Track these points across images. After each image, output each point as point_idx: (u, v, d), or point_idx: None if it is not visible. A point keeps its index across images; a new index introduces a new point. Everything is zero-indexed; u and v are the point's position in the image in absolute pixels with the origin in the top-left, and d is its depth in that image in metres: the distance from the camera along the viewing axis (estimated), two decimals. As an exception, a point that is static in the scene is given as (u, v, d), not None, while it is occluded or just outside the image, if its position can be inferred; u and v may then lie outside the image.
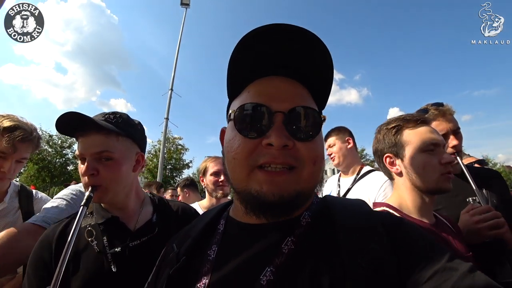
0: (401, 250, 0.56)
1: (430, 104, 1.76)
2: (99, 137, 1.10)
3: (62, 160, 27.00)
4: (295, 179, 0.59)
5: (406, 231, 0.61)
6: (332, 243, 0.57)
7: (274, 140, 0.57)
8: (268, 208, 0.60)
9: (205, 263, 0.64)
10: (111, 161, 1.11)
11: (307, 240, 0.60)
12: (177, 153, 27.05)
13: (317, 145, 0.63)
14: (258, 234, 0.64)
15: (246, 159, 0.60)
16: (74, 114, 1.05)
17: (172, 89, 14.39)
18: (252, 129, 0.61)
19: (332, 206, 0.66)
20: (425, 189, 1.22)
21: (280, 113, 0.60)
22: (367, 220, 0.62)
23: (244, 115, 0.62)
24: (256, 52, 0.63)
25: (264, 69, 0.65)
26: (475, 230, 1.26)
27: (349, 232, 0.58)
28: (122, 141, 1.16)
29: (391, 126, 1.31)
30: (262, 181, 0.59)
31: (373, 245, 0.55)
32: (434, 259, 0.54)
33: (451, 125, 1.67)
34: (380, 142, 1.36)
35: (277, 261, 0.57)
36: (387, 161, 1.33)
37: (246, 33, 0.60)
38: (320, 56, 0.63)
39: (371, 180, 2.42)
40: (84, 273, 1.05)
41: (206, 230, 0.73)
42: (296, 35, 0.60)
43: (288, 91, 0.63)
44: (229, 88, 0.72)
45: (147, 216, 1.27)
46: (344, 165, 2.64)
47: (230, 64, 0.66)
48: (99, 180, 1.09)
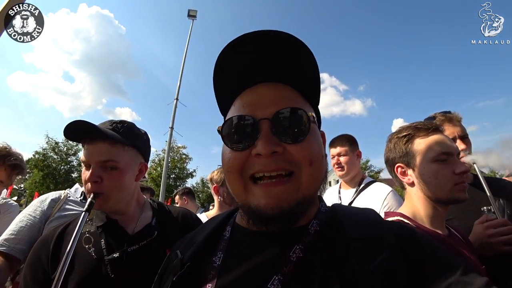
0: (414, 261, 0.54)
1: (438, 112, 1.77)
2: (105, 146, 1.11)
3: (67, 167, 27.21)
4: (294, 186, 0.58)
5: (419, 242, 0.59)
6: (341, 251, 0.56)
7: (260, 148, 0.56)
8: (269, 222, 0.58)
9: (210, 270, 0.62)
10: (116, 171, 1.12)
11: (315, 249, 0.59)
12: (181, 162, 27.12)
13: (310, 145, 0.60)
14: (265, 241, 0.62)
15: (238, 172, 0.60)
16: (82, 122, 1.07)
17: (177, 98, 14.56)
18: (240, 141, 0.60)
19: (341, 215, 0.65)
20: (437, 199, 1.18)
21: (265, 120, 0.58)
22: (378, 228, 0.60)
23: (230, 129, 0.62)
24: (235, 67, 0.63)
25: (248, 79, 0.64)
26: (489, 244, 1.20)
27: (360, 240, 0.56)
28: (128, 151, 1.18)
29: (402, 135, 1.27)
30: (259, 195, 0.58)
31: (385, 253, 0.53)
32: (448, 272, 0.52)
33: (458, 129, 1.66)
34: (391, 151, 1.32)
35: (285, 269, 0.56)
36: (398, 171, 1.29)
37: (222, 48, 0.60)
38: (302, 57, 0.62)
39: (373, 192, 2.39)
40: (81, 279, 1.04)
41: (212, 237, 0.71)
42: (275, 40, 0.59)
43: (272, 96, 0.62)
44: (218, 105, 0.72)
45: (147, 220, 1.27)
46: (350, 177, 2.60)
47: (214, 82, 0.67)
48: (101, 187, 1.10)
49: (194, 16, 16.69)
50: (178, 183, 26.56)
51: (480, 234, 1.24)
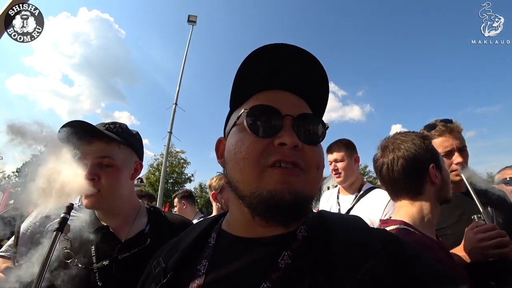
0: (400, 268, 0.54)
1: (439, 120, 1.76)
2: (101, 144, 1.13)
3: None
4: (304, 180, 0.60)
5: (404, 249, 0.60)
6: (329, 258, 0.56)
7: (287, 139, 0.59)
8: (282, 209, 0.57)
9: (194, 278, 0.61)
10: (112, 168, 1.14)
11: (304, 255, 0.59)
12: (179, 167, 27.00)
13: (320, 151, 0.66)
14: (252, 248, 0.62)
15: (257, 158, 0.60)
16: (78, 122, 1.08)
17: (176, 103, 14.58)
18: (264, 129, 0.63)
19: (329, 221, 0.65)
20: (445, 199, 1.24)
21: (290, 117, 0.63)
22: (365, 236, 0.61)
23: (256, 115, 0.64)
24: (265, 66, 0.68)
25: (272, 82, 0.69)
26: (479, 248, 1.22)
27: (347, 248, 0.57)
28: (123, 149, 1.20)
29: (426, 139, 1.27)
30: (276, 179, 0.58)
31: (372, 262, 0.53)
32: (434, 279, 0.53)
33: (457, 142, 1.66)
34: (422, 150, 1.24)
35: (274, 276, 0.56)
36: (431, 171, 1.22)
37: (257, 48, 0.66)
38: (318, 77, 0.70)
39: (373, 198, 2.34)
40: (72, 280, 1.02)
41: (196, 243, 0.70)
42: (301, 56, 0.66)
43: (294, 100, 0.69)
44: (234, 96, 0.74)
45: (140, 226, 1.24)
46: (348, 183, 2.54)
47: (240, 73, 0.70)
48: (98, 185, 1.10)
49: (194, 21, 16.83)
50: (176, 187, 26.37)
51: (471, 239, 1.26)
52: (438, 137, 1.69)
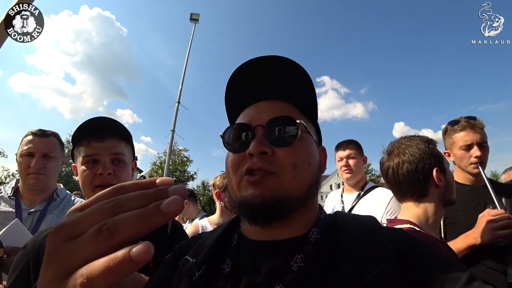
0: (412, 270, 0.54)
1: (463, 116, 1.88)
2: (114, 141, 1.19)
3: (68, 169, 27.24)
4: (277, 183, 0.62)
5: (419, 250, 0.59)
6: (340, 260, 0.57)
7: (251, 149, 0.63)
8: (255, 213, 0.62)
9: (220, 276, 0.65)
10: (123, 164, 1.20)
11: (316, 257, 0.60)
12: (182, 165, 27.11)
13: (297, 150, 0.66)
14: (268, 251, 0.64)
15: (235, 170, 0.67)
16: (100, 117, 1.16)
17: (179, 101, 14.61)
18: (238, 145, 0.69)
19: (341, 223, 0.66)
20: (449, 201, 1.30)
21: (259, 127, 0.67)
22: (376, 237, 0.60)
23: (230, 135, 0.72)
24: (243, 85, 0.74)
25: (252, 96, 0.74)
26: (489, 228, 1.38)
27: (357, 250, 0.57)
28: (128, 147, 1.26)
29: (432, 142, 1.36)
30: (247, 185, 0.63)
31: (381, 266, 0.53)
32: (451, 282, 0.52)
33: (478, 137, 1.78)
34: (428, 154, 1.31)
35: (287, 279, 0.58)
36: (435, 173, 1.28)
37: (233, 71, 0.72)
38: (298, 79, 0.72)
39: (375, 197, 2.42)
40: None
41: (222, 242, 0.74)
42: (277, 64, 0.70)
43: (268, 108, 0.71)
44: (228, 117, 0.83)
45: None
46: (355, 181, 2.65)
47: (225, 98, 0.78)
48: (114, 179, 1.14)
49: (196, 20, 16.81)
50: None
51: (483, 221, 1.43)
52: (460, 132, 1.83)
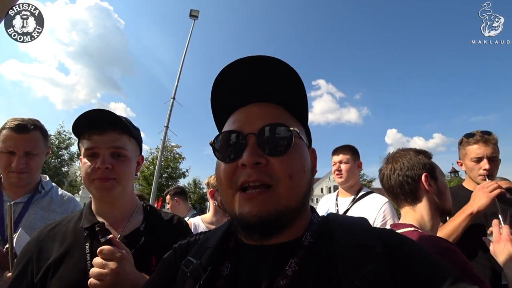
0: (401, 270, 0.55)
1: (479, 131, 2.02)
2: (114, 135, 1.16)
3: (57, 161, 26.69)
4: (274, 197, 0.60)
5: (407, 251, 0.60)
6: (332, 263, 0.58)
7: (245, 159, 0.60)
8: (251, 230, 0.61)
9: (219, 278, 0.66)
10: (124, 158, 1.18)
11: (309, 261, 0.61)
12: (174, 161, 26.84)
13: (292, 159, 0.64)
14: (263, 256, 0.65)
15: (228, 182, 0.64)
16: (100, 110, 1.12)
17: (174, 97, 14.49)
18: (229, 154, 0.66)
19: (333, 225, 0.67)
20: (443, 210, 1.40)
21: (251, 135, 0.63)
22: (366, 239, 0.61)
23: (220, 143, 0.68)
24: (232, 85, 0.69)
25: (241, 99, 0.71)
26: (484, 192, 1.64)
27: (347, 252, 0.58)
28: (132, 141, 1.23)
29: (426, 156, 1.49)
30: (242, 203, 0.61)
31: (370, 266, 0.54)
32: (438, 282, 0.53)
33: (489, 151, 1.92)
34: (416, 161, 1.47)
35: (282, 283, 0.58)
36: (423, 179, 1.41)
37: (220, 70, 0.67)
38: (290, 80, 0.68)
39: (369, 202, 2.50)
40: (63, 281, 1.02)
41: (221, 245, 0.74)
42: (266, 64, 0.65)
43: (260, 113, 0.68)
44: (215, 121, 0.79)
45: (136, 224, 1.24)
46: (348, 185, 2.70)
47: (211, 99, 0.74)
48: (113, 173, 1.13)
49: (196, 16, 16.66)
50: (170, 182, 26.23)
51: (476, 190, 1.70)
52: (473, 145, 1.97)
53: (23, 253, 1.13)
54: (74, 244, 1.10)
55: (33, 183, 1.76)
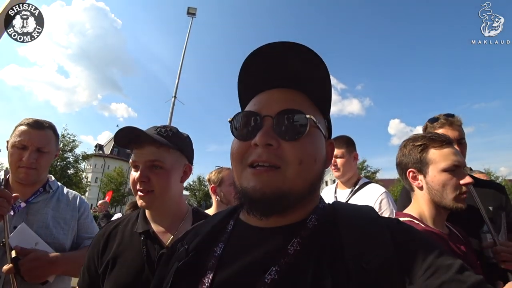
0: (407, 258, 0.56)
1: (442, 114, 1.96)
2: (151, 149, 1.19)
3: (63, 163, 26.95)
4: (280, 178, 0.61)
5: (413, 239, 0.61)
6: (337, 247, 0.58)
7: (257, 139, 0.62)
8: (252, 205, 0.63)
9: (211, 258, 0.67)
10: (161, 170, 1.20)
11: (312, 242, 0.61)
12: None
13: (304, 145, 0.64)
14: (265, 235, 0.66)
15: (240, 159, 0.67)
16: (131, 128, 1.16)
17: (175, 96, 14.52)
18: (245, 133, 0.68)
19: (340, 211, 0.68)
20: (442, 205, 1.32)
21: (268, 117, 0.65)
22: (373, 225, 0.62)
23: (238, 122, 0.70)
24: (256, 71, 0.71)
25: (266, 83, 0.72)
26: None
27: (355, 237, 0.59)
28: (172, 153, 1.25)
29: (417, 144, 1.40)
30: (249, 177, 0.63)
31: (378, 251, 0.55)
32: (442, 270, 0.53)
33: (456, 133, 1.85)
34: (405, 156, 1.44)
35: (283, 261, 0.59)
36: (410, 175, 1.43)
37: (246, 56, 0.69)
38: (314, 68, 0.68)
39: (367, 192, 2.49)
40: (120, 279, 1.10)
41: (215, 229, 0.76)
42: (294, 51, 0.66)
43: (280, 98, 0.69)
44: (240, 101, 0.81)
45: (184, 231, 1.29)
46: (346, 178, 2.68)
47: (238, 83, 0.76)
48: (150, 186, 1.17)
49: (193, 14, 16.61)
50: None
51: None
52: (439, 129, 1.90)
53: (93, 244, 1.25)
54: (129, 245, 1.18)
55: (40, 183, 1.79)
